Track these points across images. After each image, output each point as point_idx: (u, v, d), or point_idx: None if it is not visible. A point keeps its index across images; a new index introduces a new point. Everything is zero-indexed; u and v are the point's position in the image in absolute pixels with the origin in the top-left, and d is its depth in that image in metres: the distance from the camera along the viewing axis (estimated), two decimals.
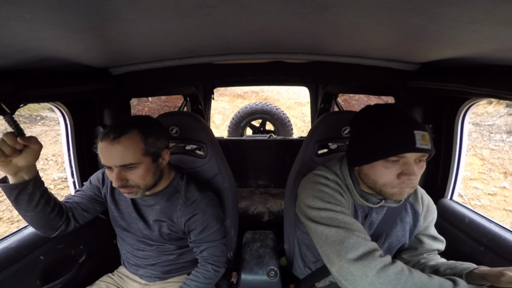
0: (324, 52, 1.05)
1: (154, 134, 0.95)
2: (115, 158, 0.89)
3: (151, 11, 0.49)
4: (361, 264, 0.73)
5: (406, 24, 0.48)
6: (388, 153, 0.77)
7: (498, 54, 0.62)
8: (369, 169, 0.84)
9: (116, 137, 0.88)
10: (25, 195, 0.87)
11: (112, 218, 1.15)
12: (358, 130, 0.87)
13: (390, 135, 0.77)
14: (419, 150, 0.75)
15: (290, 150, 2.52)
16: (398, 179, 0.80)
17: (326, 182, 0.91)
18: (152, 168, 0.96)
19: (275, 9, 0.49)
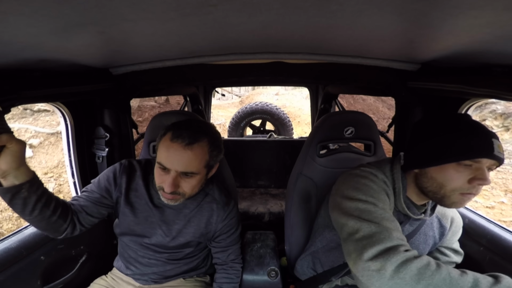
0: (325, 52, 1.05)
1: (218, 147, 0.94)
2: (181, 164, 0.86)
3: (152, 12, 0.49)
4: (381, 259, 0.66)
5: (408, 10, 0.48)
6: (465, 156, 0.75)
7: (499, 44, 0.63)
8: (438, 172, 0.80)
9: (190, 143, 0.86)
10: (19, 199, 0.79)
11: (124, 222, 1.07)
12: (428, 133, 0.83)
13: (469, 138, 0.75)
14: (495, 157, 0.74)
15: (291, 150, 2.52)
16: (469, 183, 0.76)
17: (373, 178, 0.86)
18: (203, 180, 0.96)
19: (276, 5, 0.49)
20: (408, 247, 0.70)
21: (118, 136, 1.37)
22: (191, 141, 0.86)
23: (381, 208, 0.79)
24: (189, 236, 1.07)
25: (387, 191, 0.86)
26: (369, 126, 1.22)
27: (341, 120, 1.22)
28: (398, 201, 0.89)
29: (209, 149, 0.91)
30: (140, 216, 1.05)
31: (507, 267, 0.99)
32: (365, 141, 1.25)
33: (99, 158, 1.38)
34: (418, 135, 0.86)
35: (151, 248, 1.09)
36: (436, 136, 0.80)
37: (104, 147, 1.34)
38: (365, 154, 1.26)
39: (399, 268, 0.64)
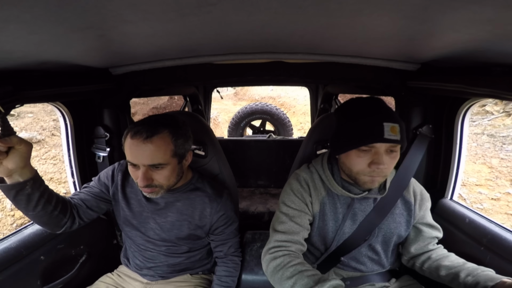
0: (324, 52, 1.05)
1: (183, 135, 0.97)
2: (145, 157, 0.89)
3: (152, 13, 0.49)
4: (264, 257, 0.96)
5: (408, 5, 0.48)
6: (359, 143, 0.86)
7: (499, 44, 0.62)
8: (345, 158, 0.92)
9: (148, 136, 0.88)
10: (23, 195, 0.85)
11: (122, 217, 1.12)
12: (338, 122, 0.96)
13: (362, 126, 0.86)
14: (387, 140, 0.83)
15: (290, 150, 2.52)
16: (369, 167, 0.88)
17: (292, 187, 1.04)
18: (176, 169, 0.98)
19: (276, 4, 0.49)
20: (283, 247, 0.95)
21: (118, 136, 1.37)
22: (149, 135, 0.88)
23: (285, 213, 1.01)
24: (184, 229, 1.09)
25: (303, 192, 1.02)
26: None
27: None
28: (332, 186, 1.01)
29: (172, 138, 0.93)
30: (135, 210, 1.10)
31: (507, 267, 0.99)
32: None
33: (99, 158, 1.38)
34: (335, 125, 0.98)
35: (151, 241, 1.12)
36: (340, 125, 0.94)
37: (105, 147, 1.34)
38: None
39: (268, 264, 0.92)
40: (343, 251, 1.05)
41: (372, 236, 1.03)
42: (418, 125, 1.28)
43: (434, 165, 1.36)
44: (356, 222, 1.02)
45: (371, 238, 1.04)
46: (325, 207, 1.03)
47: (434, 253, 1.05)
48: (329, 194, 1.03)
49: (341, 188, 0.99)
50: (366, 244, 1.04)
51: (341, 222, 1.02)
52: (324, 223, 1.03)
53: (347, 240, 1.03)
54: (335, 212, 1.03)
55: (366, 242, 1.04)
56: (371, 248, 1.06)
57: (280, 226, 1.00)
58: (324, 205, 1.03)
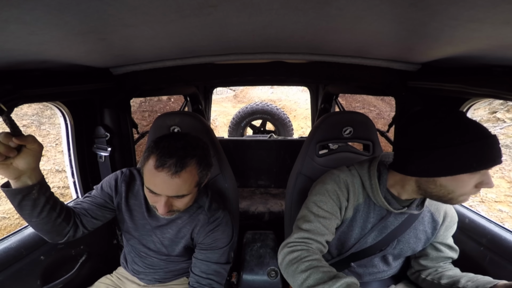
0: (325, 52, 1.04)
1: (207, 165, 0.93)
2: (171, 191, 0.86)
3: (153, 15, 0.49)
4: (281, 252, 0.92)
5: (407, 19, 0.48)
6: (482, 166, 0.76)
7: (498, 52, 0.63)
8: (450, 180, 0.80)
9: (177, 172, 0.84)
10: (29, 200, 0.81)
11: (125, 226, 1.11)
12: (437, 141, 0.79)
13: (483, 148, 0.75)
14: (500, 162, 0.78)
15: (291, 150, 2.53)
16: (476, 188, 0.80)
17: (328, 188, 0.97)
18: (195, 195, 0.97)
19: (276, 6, 0.49)
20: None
21: (119, 136, 1.37)
22: (177, 170, 0.84)
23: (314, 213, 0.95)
24: (182, 244, 1.08)
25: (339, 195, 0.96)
26: (367, 126, 1.22)
27: (340, 120, 1.23)
28: (376, 196, 0.94)
29: (198, 170, 0.89)
30: (138, 222, 1.08)
31: (507, 267, 0.99)
32: (363, 141, 1.25)
33: (101, 158, 1.38)
34: (423, 141, 0.82)
35: (152, 249, 1.11)
36: (449, 145, 0.77)
37: (106, 147, 1.35)
38: (364, 154, 1.26)
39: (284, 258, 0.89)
40: (356, 258, 1.03)
41: (389, 247, 1.01)
42: None
43: None
44: (382, 234, 0.99)
45: (388, 249, 1.01)
46: (357, 214, 0.98)
47: (441, 268, 1.04)
48: (365, 202, 0.97)
49: (383, 199, 0.93)
50: (381, 254, 1.03)
51: (367, 231, 0.99)
52: (350, 229, 0.99)
53: (365, 249, 1.01)
54: (365, 220, 0.98)
55: (381, 252, 1.02)
56: (383, 258, 1.05)
57: (305, 225, 0.94)
58: (357, 212, 0.98)
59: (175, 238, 1.08)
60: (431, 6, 0.41)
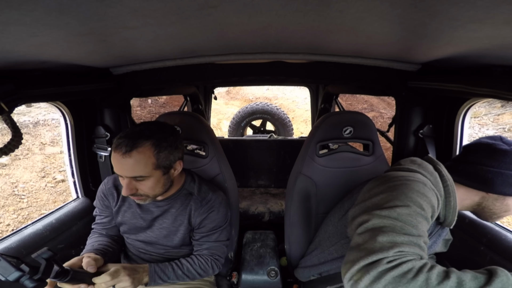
0: (325, 52, 1.05)
1: (167, 147, 0.93)
2: (125, 171, 0.89)
3: (154, 18, 0.49)
4: (363, 270, 0.62)
5: (407, 19, 0.48)
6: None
7: (498, 51, 0.63)
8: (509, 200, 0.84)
9: (127, 151, 0.87)
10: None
11: (122, 224, 1.13)
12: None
13: None
14: None
15: (291, 150, 2.53)
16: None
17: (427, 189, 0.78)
18: (162, 180, 0.96)
19: (277, 7, 0.49)
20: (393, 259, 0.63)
21: None
22: (128, 149, 0.87)
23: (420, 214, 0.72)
24: (180, 234, 1.09)
25: (433, 203, 0.77)
26: (367, 126, 1.22)
27: (340, 120, 1.23)
28: (451, 214, 0.85)
29: (154, 152, 0.90)
30: (131, 221, 1.11)
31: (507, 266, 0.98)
32: (363, 140, 1.25)
33: (101, 158, 1.38)
34: (505, 158, 0.82)
35: (151, 245, 1.12)
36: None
37: (106, 147, 1.35)
38: (364, 154, 1.26)
39: (375, 280, 0.60)
40: None
41: None
42: (418, 125, 1.28)
43: None
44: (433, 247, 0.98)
45: None
46: None
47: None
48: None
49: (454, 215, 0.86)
50: None
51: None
52: None
53: None
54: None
55: None
56: None
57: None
58: None
59: (172, 226, 1.09)
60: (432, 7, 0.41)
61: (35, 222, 1.15)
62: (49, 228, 1.15)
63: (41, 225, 1.13)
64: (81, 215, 1.31)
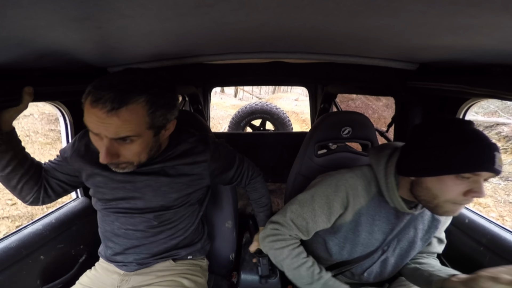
0: (322, 51, 1.04)
1: (164, 105, 0.77)
2: (109, 131, 0.71)
3: (149, 9, 0.49)
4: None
5: (405, 11, 0.48)
6: (467, 169, 0.74)
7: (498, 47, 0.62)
8: (434, 182, 0.79)
9: (114, 108, 0.69)
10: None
11: (97, 193, 0.96)
12: (428, 141, 0.81)
13: (472, 150, 0.73)
14: (495, 171, 0.73)
15: (287, 144, 2.55)
16: (464, 196, 0.77)
17: (330, 191, 0.96)
18: (150, 143, 0.80)
19: (273, 4, 0.49)
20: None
21: None
22: (114, 106, 0.68)
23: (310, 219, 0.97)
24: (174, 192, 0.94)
25: (333, 201, 0.95)
26: (366, 126, 1.22)
27: (338, 120, 1.23)
28: (392, 195, 0.91)
29: (148, 110, 0.73)
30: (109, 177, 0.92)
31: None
32: (362, 141, 1.25)
33: None
34: (417, 141, 0.84)
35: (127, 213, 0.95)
36: (437, 145, 0.78)
37: None
38: (363, 154, 1.26)
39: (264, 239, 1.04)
40: (357, 261, 1.02)
41: (390, 248, 1.00)
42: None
43: None
44: (388, 235, 0.98)
45: (388, 251, 1.00)
46: (361, 218, 0.95)
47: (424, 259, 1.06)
48: (370, 204, 0.94)
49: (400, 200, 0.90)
50: (383, 256, 1.01)
51: (375, 234, 0.97)
52: (356, 234, 0.96)
53: (369, 253, 1.00)
54: (371, 224, 0.95)
55: (383, 254, 1.01)
56: (384, 261, 1.02)
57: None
58: (361, 216, 0.95)
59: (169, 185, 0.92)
60: None
61: (35, 222, 1.15)
62: (49, 227, 1.15)
63: (41, 225, 1.13)
64: (80, 214, 1.30)
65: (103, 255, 1.07)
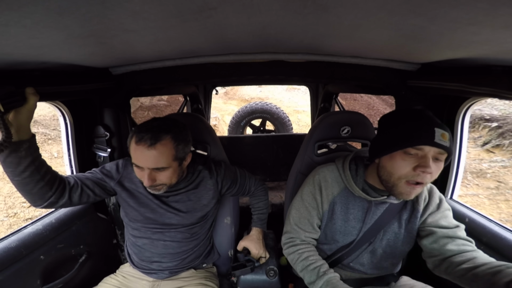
0: (324, 52, 1.04)
1: (183, 140, 1.03)
2: (149, 162, 0.97)
3: (154, 21, 0.49)
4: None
5: (406, 25, 0.48)
6: (407, 144, 0.81)
7: (498, 56, 0.62)
8: (388, 160, 0.88)
9: (152, 144, 0.95)
10: (16, 157, 0.82)
11: (131, 214, 1.15)
12: (384, 127, 0.92)
13: (411, 128, 0.82)
14: (437, 144, 0.79)
15: (283, 144, 2.62)
16: (414, 171, 0.83)
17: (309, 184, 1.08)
18: (178, 170, 1.05)
19: (276, 7, 0.49)
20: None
21: (118, 135, 1.37)
22: (152, 142, 0.95)
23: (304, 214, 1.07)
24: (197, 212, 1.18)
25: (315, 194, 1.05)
26: (365, 125, 1.23)
27: (338, 119, 1.23)
28: (352, 186, 1.00)
29: (173, 144, 0.99)
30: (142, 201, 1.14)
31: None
32: (361, 140, 1.25)
33: (100, 158, 1.38)
34: (379, 128, 0.96)
35: (165, 229, 1.16)
36: (388, 128, 0.89)
37: (106, 147, 1.35)
38: None
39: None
40: (347, 252, 1.06)
41: (377, 239, 1.03)
42: None
43: None
44: (367, 225, 1.02)
45: (375, 242, 1.04)
46: (335, 207, 1.04)
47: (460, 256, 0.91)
48: (342, 194, 1.04)
49: (359, 190, 0.99)
50: (370, 247, 1.05)
51: (351, 222, 1.03)
52: (332, 222, 1.05)
53: (352, 242, 1.04)
54: (346, 212, 1.03)
55: (370, 245, 1.04)
56: (373, 251, 1.06)
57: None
58: (334, 204, 1.04)
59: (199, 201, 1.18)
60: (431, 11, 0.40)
61: (35, 222, 1.15)
62: (49, 227, 1.15)
63: (41, 225, 1.13)
64: (81, 214, 1.31)
65: (134, 263, 1.22)
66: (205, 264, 1.29)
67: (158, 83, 1.33)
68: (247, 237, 1.32)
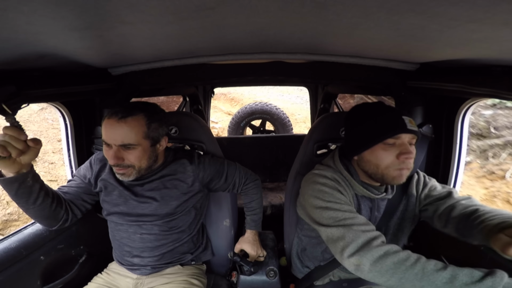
0: (323, 52, 1.05)
1: (158, 120, 1.01)
2: (118, 136, 0.94)
3: (150, 15, 0.49)
4: (358, 256, 0.77)
5: (405, 24, 0.48)
6: (387, 135, 0.87)
7: (497, 56, 0.63)
8: (370, 154, 0.91)
9: (123, 117, 0.93)
10: (25, 188, 0.88)
11: (107, 205, 1.13)
12: (353, 123, 0.96)
13: (385, 120, 0.89)
14: (410, 131, 0.87)
15: (282, 145, 2.62)
16: (398, 159, 0.88)
17: (324, 181, 0.95)
18: (148, 152, 1.01)
19: (274, 8, 0.49)
20: (381, 239, 0.81)
21: None
22: (124, 115, 0.94)
23: (338, 209, 0.88)
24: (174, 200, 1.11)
25: (338, 188, 0.95)
26: None
27: (337, 120, 1.23)
28: (355, 186, 0.98)
29: (146, 121, 0.97)
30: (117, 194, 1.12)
31: (508, 266, 0.98)
32: None
33: None
34: (346, 128, 1.00)
35: (142, 221, 1.12)
36: (360, 124, 0.93)
37: None
38: None
39: (376, 263, 0.74)
40: None
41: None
42: (418, 124, 1.28)
43: (434, 164, 1.35)
44: (375, 224, 1.02)
45: None
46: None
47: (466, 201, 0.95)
48: (354, 195, 1.01)
49: (363, 189, 0.98)
50: None
51: None
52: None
53: None
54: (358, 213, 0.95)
55: None
56: None
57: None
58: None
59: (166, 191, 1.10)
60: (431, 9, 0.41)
61: (35, 222, 1.14)
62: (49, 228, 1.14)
63: (41, 225, 1.13)
64: None
65: (118, 259, 1.20)
66: (194, 262, 1.25)
67: (157, 83, 1.33)
68: (242, 239, 1.30)
